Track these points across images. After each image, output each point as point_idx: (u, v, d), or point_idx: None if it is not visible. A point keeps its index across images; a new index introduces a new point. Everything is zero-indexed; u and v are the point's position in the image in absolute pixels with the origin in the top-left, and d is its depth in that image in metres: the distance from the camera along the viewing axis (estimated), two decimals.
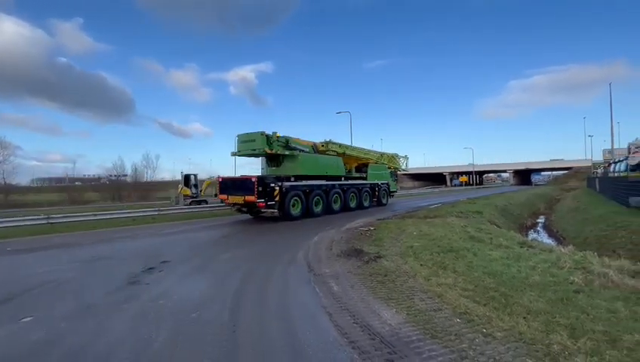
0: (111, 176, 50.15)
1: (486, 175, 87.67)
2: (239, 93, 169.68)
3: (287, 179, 13.34)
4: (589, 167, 52.75)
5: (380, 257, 6.37)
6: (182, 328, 3.47)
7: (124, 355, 2.93)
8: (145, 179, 48.11)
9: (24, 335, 3.38)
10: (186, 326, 3.52)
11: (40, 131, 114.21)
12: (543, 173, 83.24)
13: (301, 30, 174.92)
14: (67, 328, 3.53)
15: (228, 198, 13.43)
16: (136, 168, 48.37)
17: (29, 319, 3.80)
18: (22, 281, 5.34)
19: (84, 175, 69.67)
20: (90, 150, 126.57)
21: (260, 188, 12.22)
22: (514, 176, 72.70)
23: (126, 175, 49.50)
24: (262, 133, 13.07)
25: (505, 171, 79.37)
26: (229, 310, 3.95)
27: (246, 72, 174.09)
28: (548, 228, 19.20)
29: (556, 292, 4.13)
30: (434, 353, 2.86)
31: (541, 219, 23.23)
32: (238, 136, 13.96)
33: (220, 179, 14.25)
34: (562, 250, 6.78)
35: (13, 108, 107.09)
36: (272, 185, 12.47)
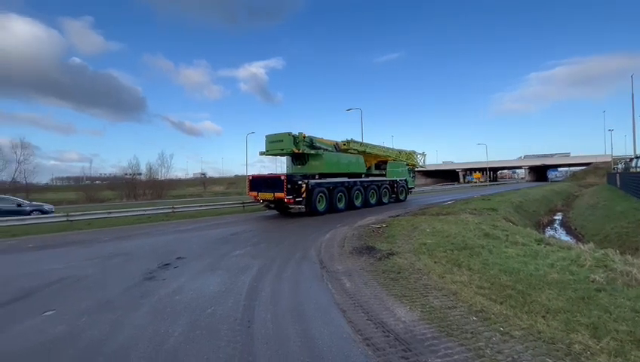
0: (126, 174, 51.29)
1: (500, 171, 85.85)
2: (249, 90, 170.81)
3: (313, 176, 13.98)
4: (608, 163, 51.06)
5: (392, 254, 6.32)
6: (197, 323, 3.52)
7: (142, 348, 2.99)
8: (159, 178, 49.01)
9: (47, 329, 3.49)
10: (202, 321, 3.57)
11: (54, 130, 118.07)
12: (559, 169, 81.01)
13: (310, 25, 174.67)
14: (88, 322, 3.63)
15: (258, 195, 14.21)
16: (150, 167, 49.41)
17: (50, 313, 3.93)
18: (43, 276, 5.52)
19: (101, 174, 71.62)
20: (104, 149, 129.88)
21: (289, 186, 12.87)
22: (529, 173, 71.00)
23: (140, 173, 50.59)
24: (289, 134, 13.78)
25: (520, 167, 77.62)
26: (242, 306, 3.99)
27: (256, 68, 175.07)
28: (566, 226, 18.69)
29: (576, 291, 4.01)
30: (450, 351, 2.82)
31: (558, 216, 22.64)
32: (266, 136, 14.70)
33: (250, 178, 14.90)
34: (582, 247, 6.59)
35: (28, 107, 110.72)
36: (300, 182, 13.11)
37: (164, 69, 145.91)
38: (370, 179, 17.37)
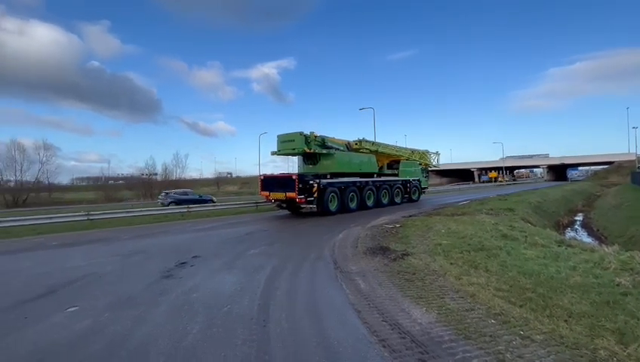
0: (143, 174, 52.60)
1: (517, 171, 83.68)
2: (262, 90, 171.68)
3: (324, 176, 13.90)
4: (632, 161, 49.12)
5: (407, 255, 6.26)
6: (214, 321, 3.58)
7: (162, 345, 3.06)
8: (174, 178, 50.02)
9: (71, 324, 3.61)
10: (218, 319, 3.63)
11: (74, 132, 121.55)
12: (580, 168, 78.47)
13: (322, 24, 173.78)
14: (109, 318, 3.74)
15: (270, 195, 14.24)
16: (166, 167, 50.57)
17: (74, 309, 4.06)
18: (67, 273, 5.72)
19: (118, 174, 73.37)
20: (121, 149, 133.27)
21: (300, 185, 12.84)
22: (548, 172, 69.03)
23: (156, 174, 51.76)
24: (300, 134, 13.74)
25: (538, 166, 75.59)
26: (258, 305, 4.02)
27: (268, 69, 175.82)
28: (587, 227, 18.08)
29: (601, 295, 3.88)
30: (468, 354, 2.77)
31: (579, 217, 21.93)
32: (278, 136, 14.72)
33: (262, 178, 14.94)
34: (606, 249, 6.35)
35: (50, 110, 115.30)
36: (311, 182, 13.08)
37: (179, 71, 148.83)
38: (383, 178, 17.16)
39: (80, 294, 4.65)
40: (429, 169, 23.42)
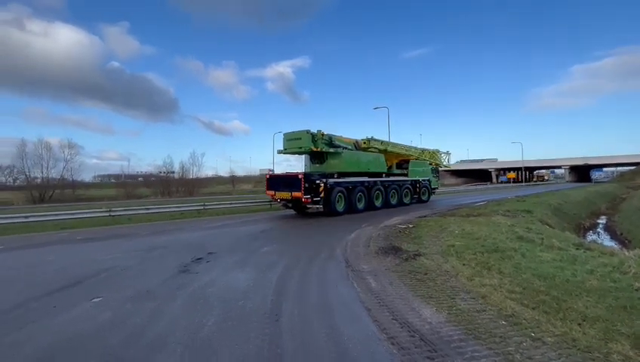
0: (161, 172, 53.89)
1: (537, 171, 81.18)
2: (276, 89, 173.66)
3: (331, 175, 13.68)
4: None
5: (419, 255, 6.25)
6: (229, 314, 3.71)
7: (180, 336, 3.22)
8: (191, 176, 51.05)
9: (97, 313, 3.83)
10: (233, 313, 3.76)
11: (96, 131, 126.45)
12: (605, 168, 75.48)
13: (336, 22, 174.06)
14: (131, 309, 3.94)
15: (275, 194, 14.14)
16: (183, 166, 51.55)
17: (99, 299, 4.30)
18: (91, 266, 6.01)
19: (137, 172, 75.23)
20: (140, 148, 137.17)
21: (307, 185, 12.64)
22: (570, 173, 66.70)
23: (174, 172, 52.93)
24: (307, 132, 13.52)
25: (559, 167, 73.13)
26: (270, 301, 4.14)
27: (283, 68, 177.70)
28: (610, 230, 17.45)
29: (618, 299, 3.80)
30: (477, 354, 2.79)
31: (602, 220, 21.16)
32: (284, 134, 14.55)
33: (268, 176, 14.98)
34: (627, 253, 6.16)
35: (74, 110, 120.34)
36: (318, 181, 12.88)
37: (195, 71, 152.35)
38: (392, 178, 16.82)
39: (104, 286, 4.89)
40: (440, 169, 23.03)
